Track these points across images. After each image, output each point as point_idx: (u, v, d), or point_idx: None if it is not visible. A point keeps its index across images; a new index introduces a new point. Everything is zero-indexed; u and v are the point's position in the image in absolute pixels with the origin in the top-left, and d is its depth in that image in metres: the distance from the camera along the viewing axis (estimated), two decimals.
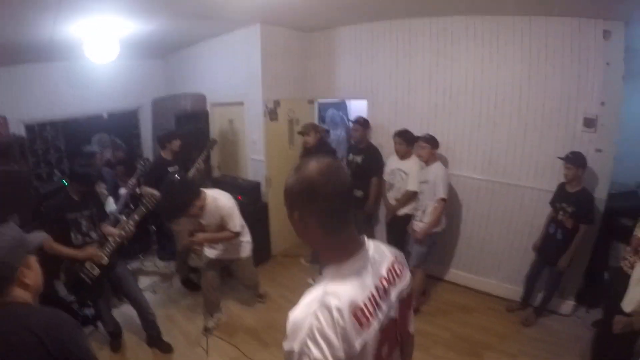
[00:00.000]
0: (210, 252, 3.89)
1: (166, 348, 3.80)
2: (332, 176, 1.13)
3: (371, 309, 1.13)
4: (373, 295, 1.16)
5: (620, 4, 3.32)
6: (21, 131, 5.34)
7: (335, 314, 1.03)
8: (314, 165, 1.15)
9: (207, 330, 3.90)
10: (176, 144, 4.71)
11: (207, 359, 3.67)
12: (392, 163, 4.60)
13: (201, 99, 6.11)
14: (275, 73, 5.28)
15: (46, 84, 5.68)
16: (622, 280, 2.81)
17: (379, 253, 1.29)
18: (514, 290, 4.41)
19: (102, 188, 4.98)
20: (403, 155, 4.47)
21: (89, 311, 4.03)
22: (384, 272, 1.25)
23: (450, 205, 4.41)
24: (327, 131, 6.36)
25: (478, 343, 3.85)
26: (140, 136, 7.14)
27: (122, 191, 4.97)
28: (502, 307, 4.39)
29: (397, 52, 4.92)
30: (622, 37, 3.64)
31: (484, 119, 4.43)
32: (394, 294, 1.26)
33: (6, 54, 4.87)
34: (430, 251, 4.22)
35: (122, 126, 6.94)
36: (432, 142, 4.16)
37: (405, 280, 1.34)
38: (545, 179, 4.10)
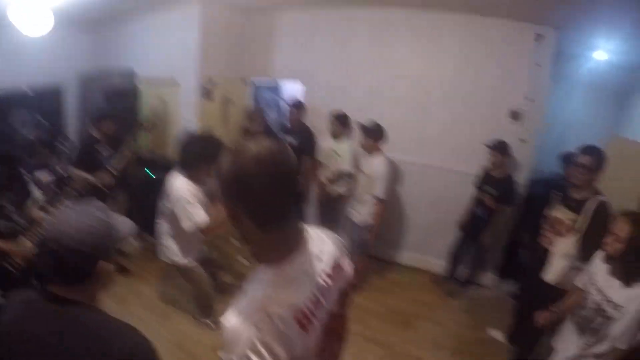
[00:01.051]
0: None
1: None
2: (271, 163, 1.00)
3: (313, 309, 1.08)
4: (315, 295, 1.11)
5: (552, 11, 3.66)
6: None
7: (277, 321, 0.98)
8: (251, 150, 1.01)
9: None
10: (110, 126, 4.48)
11: None
12: (328, 144, 4.69)
13: (132, 75, 5.90)
14: (212, 52, 5.22)
15: None
16: (539, 255, 3.12)
17: (321, 245, 1.22)
18: (442, 265, 4.71)
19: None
20: (337, 136, 4.56)
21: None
22: (326, 267, 1.19)
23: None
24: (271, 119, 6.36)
25: (410, 314, 4.17)
26: (65, 114, 6.77)
27: (43, 175, 4.70)
28: (430, 279, 4.75)
29: (337, 38, 5.07)
30: (553, 42, 4.05)
31: (418, 106, 4.71)
32: (335, 289, 1.22)
33: None
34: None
35: (46, 103, 6.57)
36: (372, 133, 4.10)
37: (347, 272, 1.30)
38: (472, 163, 4.39)
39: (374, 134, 4.10)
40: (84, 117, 6.15)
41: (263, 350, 0.94)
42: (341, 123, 4.54)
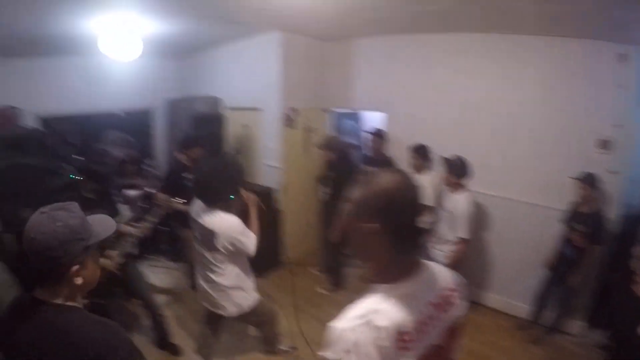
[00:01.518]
0: None
1: (175, 350, 3.83)
2: (409, 191, 1.15)
3: (415, 335, 1.12)
4: (420, 321, 1.15)
5: (635, 28, 3.42)
6: (35, 124, 5.39)
7: (380, 333, 1.05)
8: (390, 178, 1.15)
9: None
10: (197, 151, 4.54)
11: None
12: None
13: (217, 102, 6.23)
14: (293, 81, 5.38)
15: (62, 78, 5.78)
16: (633, 303, 2.93)
17: (437, 277, 1.28)
18: (524, 308, 4.49)
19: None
20: (417, 170, 4.53)
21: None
22: (437, 298, 1.24)
23: None
24: (353, 146, 6.38)
25: (486, 358, 3.97)
26: (153, 136, 7.25)
27: (130, 193, 5.01)
28: (512, 324, 4.48)
29: (415, 66, 5.05)
30: (637, 61, 3.77)
31: (498, 137, 4.55)
32: (443, 322, 1.25)
33: (24, 45, 4.96)
34: None
35: (136, 125, 7.04)
36: (455, 169, 3.98)
37: (458, 309, 1.32)
38: (558, 198, 4.19)
39: (458, 170, 3.99)
40: (171, 140, 6.53)
41: (363, 355, 1.03)
42: (421, 156, 4.51)
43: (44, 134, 5.30)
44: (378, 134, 5.04)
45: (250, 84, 5.72)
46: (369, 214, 1.14)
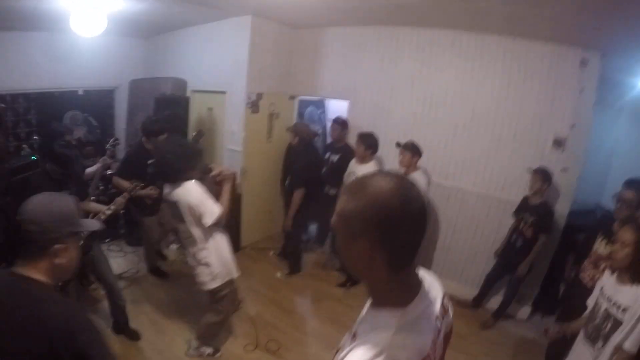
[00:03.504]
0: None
1: (133, 335, 3.80)
2: (408, 199, 0.96)
3: (433, 354, 1.04)
4: (434, 339, 1.06)
5: (598, 35, 3.63)
6: None
7: None
8: (384, 185, 0.98)
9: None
10: (163, 137, 4.37)
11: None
12: (351, 166, 4.74)
13: (182, 84, 6.23)
14: (261, 66, 5.45)
15: (23, 53, 5.66)
16: (579, 291, 3.14)
17: (433, 287, 1.18)
18: (474, 294, 4.73)
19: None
20: (362, 159, 4.58)
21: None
22: (439, 309, 1.15)
23: None
24: (316, 134, 6.48)
25: None
26: (114, 116, 7.19)
27: (90, 170, 4.97)
28: (464, 309, 4.67)
29: (382, 57, 5.18)
30: (598, 67, 4.03)
31: (459, 130, 4.75)
32: (444, 330, 1.18)
33: None
34: None
35: (97, 105, 6.96)
36: (412, 149, 4.31)
37: (451, 315, 1.26)
38: (512, 191, 4.46)
39: (413, 150, 4.29)
40: (132, 121, 6.51)
41: None
42: (365, 144, 4.51)
43: (2, 110, 5.24)
44: (340, 122, 5.18)
45: (217, 66, 5.75)
46: (362, 229, 0.98)
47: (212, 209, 3.01)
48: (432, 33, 4.78)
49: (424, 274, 1.18)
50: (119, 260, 5.27)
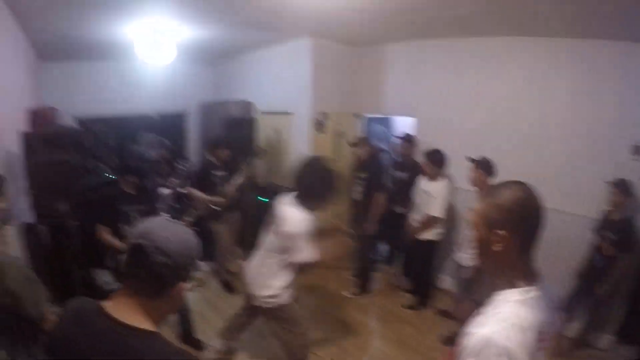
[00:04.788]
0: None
1: (197, 345, 4.00)
2: (535, 197, 1.28)
3: (547, 335, 1.28)
4: (550, 323, 1.30)
5: None
6: (73, 124, 5.85)
7: (526, 335, 1.17)
8: (519, 187, 1.29)
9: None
10: (225, 152, 4.93)
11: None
12: (421, 183, 4.63)
13: (249, 106, 6.51)
14: (324, 86, 5.60)
15: (99, 81, 6.31)
16: None
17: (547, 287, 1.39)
18: None
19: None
20: (432, 177, 4.49)
21: None
22: (551, 300, 1.38)
23: None
24: (382, 150, 6.56)
25: None
26: (187, 138, 7.60)
27: (164, 191, 5.35)
28: None
29: (444, 70, 5.13)
30: None
31: (529, 143, 4.54)
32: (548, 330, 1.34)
33: (62, 49, 5.41)
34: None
35: (170, 128, 7.39)
36: (485, 167, 3.96)
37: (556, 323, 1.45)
38: (588, 206, 4.16)
39: (488, 169, 3.97)
40: (203, 142, 6.84)
41: (512, 358, 1.13)
42: (432, 162, 4.43)
43: (82, 133, 5.68)
44: (407, 139, 5.16)
45: (282, 88, 5.97)
46: (501, 223, 1.27)
47: (305, 251, 2.88)
48: (493, 42, 4.67)
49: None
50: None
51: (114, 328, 1.15)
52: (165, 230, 1.21)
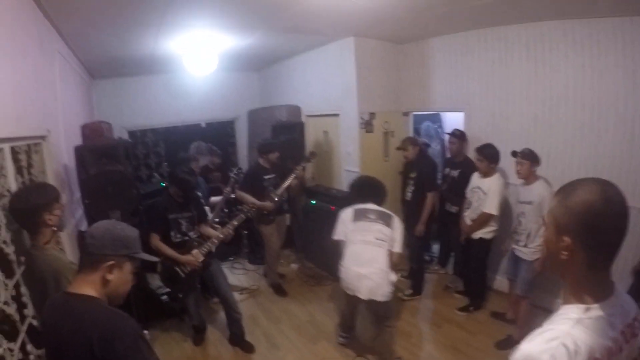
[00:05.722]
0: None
1: (248, 348, 4.12)
2: (617, 205, 1.07)
3: None
4: (610, 349, 1.10)
5: None
6: (124, 137, 6.22)
7: (574, 358, 1.03)
8: (597, 188, 1.08)
9: None
10: (274, 155, 5.07)
11: None
12: (474, 180, 4.57)
13: (296, 110, 6.62)
14: (369, 85, 5.60)
15: (148, 94, 6.65)
16: None
17: (627, 303, 1.21)
18: None
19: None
20: (485, 173, 4.42)
21: (176, 304, 4.49)
22: (626, 326, 1.17)
23: None
24: (427, 144, 6.50)
25: None
26: (236, 145, 7.83)
27: (215, 199, 5.53)
28: None
29: (492, 61, 4.96)
30: None
31: (586, 131, 4.26)
32: (626, 352, 1.17)
33: (111, 67, 5.77)
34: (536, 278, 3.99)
35: (219, 135, 7.63)
36: (530, 157, 3.94)
37: (639, 341, 1.24)
38: None
39: (532, 158, 3.93)
40: (253, 147, 6.98)
41: None
42: (485, 157, 4.36)
43: (130, 144, 5.92)
44: (458, 135, 5.05)
45: (327, 90, 6.03)
46: (566, 229, 1.11)
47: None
48: (540, 27, 4.44)
49: (622, 291, 1.22)
50: (241, 276, 5.83)
51: (66, 298, 1.58)
52: (100, 223, 1.69)
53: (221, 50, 5.16)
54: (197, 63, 4.96)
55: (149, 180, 6.93)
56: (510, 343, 3.90)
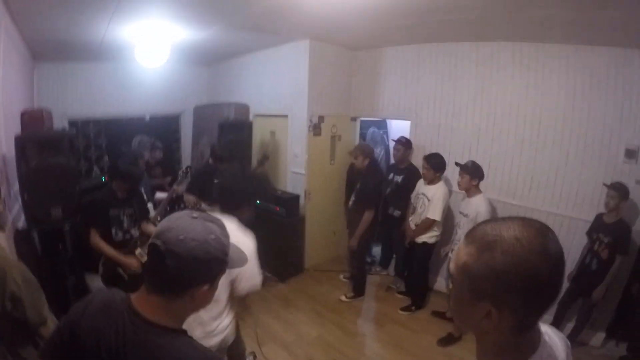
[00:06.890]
0: None
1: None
2: (554, 258, 0.85)
3: None
4: None
5: None
6: (65, 126, 5.84)
7: None
8: (525, 240, 0.85)
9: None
10: (226, 156, 4.96)
11: None
12: (419, 187, 4.78)
13: (244, 109, 6.52)
14: (321, 89, 5.66)
15: (92, 82, 6.27)
16: None
17: (555, 346, 1.02)
18: (547, 320, 4.52)
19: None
20: (430, 180, 4.60)
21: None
22: None
23: None
24: (376, 161, 6.59)
25: None
26: (180, 141, 7.62)
27: (160, 195, 5.36)
28: None
29: (442, 74, 5.21)
30: None
31: (526, 146, 4.64)
32: None
33: (58, 50, 5.37)
34: None
35: (163, 130, 7.39)
36: (470, 171, 4.16)
37: None
38: (584, 209, 4.27)
39: (472, 172, 4.15)
40: (197, 144, 6.87)
41: None
42: (432, 166, 4.53)
43: (74, 135, 5.67)
44: (404, 142, 5.21)
45: (278, 91, 6.02)
46: (485, 293, 0.88)
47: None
48: (491, 46, 4.76)
49: (547, 329, 1.06)
50: None
51: (141, 325, 1.17)
52: (182, 230, 1.16)
53: (174, 41, 5.01)
54: (149, 54, 4.80)
55: (88, 174, 6.64)
56: (450, 340, 4.26)
